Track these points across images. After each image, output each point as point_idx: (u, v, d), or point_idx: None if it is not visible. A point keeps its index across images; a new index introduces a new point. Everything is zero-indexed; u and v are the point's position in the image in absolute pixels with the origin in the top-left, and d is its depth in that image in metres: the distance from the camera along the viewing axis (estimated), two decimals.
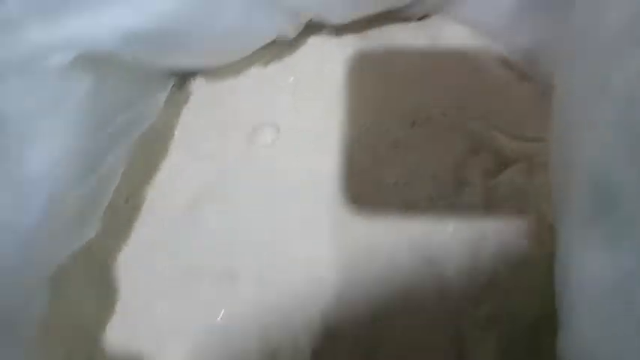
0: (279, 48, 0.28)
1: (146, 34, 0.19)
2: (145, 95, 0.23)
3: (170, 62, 0.23)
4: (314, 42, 0.28)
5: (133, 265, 0.23)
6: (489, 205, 0.23)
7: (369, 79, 0.28)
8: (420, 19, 0.30)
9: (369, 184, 0.24)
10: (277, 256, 0.23)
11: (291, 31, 0.24)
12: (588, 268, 0.15)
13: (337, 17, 0.24)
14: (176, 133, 0.26)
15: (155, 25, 0.19)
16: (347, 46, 0.28)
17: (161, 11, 0.18)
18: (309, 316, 0.21)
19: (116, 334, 0.21)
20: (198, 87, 0.28)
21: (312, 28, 0.28)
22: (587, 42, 0.19)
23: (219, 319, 0.22)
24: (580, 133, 0.18)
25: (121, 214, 0.24)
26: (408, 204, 0.23)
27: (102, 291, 0.22)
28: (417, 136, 0.25)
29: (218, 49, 0.23)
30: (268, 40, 0.24)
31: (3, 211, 0.16)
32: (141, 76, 0.23)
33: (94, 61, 0.19)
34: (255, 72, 0.28)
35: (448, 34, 0.29)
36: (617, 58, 0.17)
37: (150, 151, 0.25)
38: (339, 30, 0.28)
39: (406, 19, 0.30)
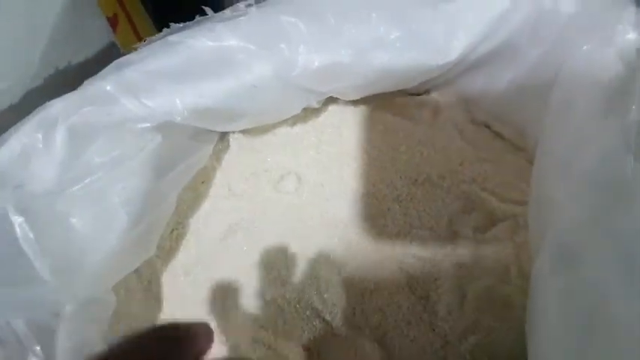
0: (304, 113, 0.34)
1: (205, 111, 0.24)
2: (197, 148, 0.28)
3: (218, 128, 0.28)
4: (334, 109, 0.34)
5: (176, 280, 0.28)
6: (478, 256, 0.27)
7: (378, 142, 0.33)
8: (423, 93, 0.35)
9: (374, 231, 0.29)
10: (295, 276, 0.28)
11: (315, 104, 0.30)
12: (549, 311, 0.19)
13: (353, 97, 0.30)
14: (217, 175, 0.32)
15: (212, 105, 0.24)
16: (361, 114, 0.34)
17: (218, 96, 0.24)
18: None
19: None
20: (236, 139, 0.33)
21: (334, 98, 0.33)
22: (558, 135, 0.24)
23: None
24: (550, 206, 0.23)
25: (169, 239, 0.29)
26: (409, 250, 0.27)
27: (149, 300, 0.27)
28: (417, 193, 0.30)
29: (256, 119, 0.29)
30: (297, 112, 0.30)
31: (95, 232, 0.22)
32: (195, 135, 0.28)
33: (164, 126, 0.25)
34: (283, 131, 0.34)
35: (448, 107, 0.34)
36: (581, 145, 0.22)
37: (196, 189, 0.31)
38: (356, 100, 0.34)
39: (412, 94, 0.35)
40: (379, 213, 0.30)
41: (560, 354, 0.18)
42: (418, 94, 0.35)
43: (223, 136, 0.34)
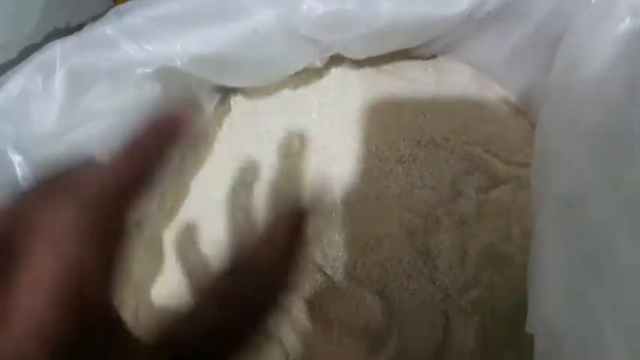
0: (307, 75, 0.33)
1: (206, 58, 0.24)
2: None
3: (221, 80, 0.28)
4: (337, 72, 0.33)
5: (178, 239, 0.27)
6: (480, 214, 0.27)
7: (382, 105, 0.32)
8: (429, 57, 0.35)
9: (376, 191, 0.29)
10: None
11: (318, 63, 0.30)
12: (551, 258, 0.19)
13: (358, 53, 0.29)
14: (219, 138, 0.31)
15: (213, 51, 0.24)
16: (364, 77, 0.33)
17: (219, 42, 0.23)
18: None
19: (161, 291, 0.25)
20: (238, 103, 0.33)
21: (336, 60, 0.33)
22: (564, 90, 0.24)
23: None
24: (554, 160, 0.23)
25: (170, 197, 0.29)
26: (410, 209, 0.27)
27: (151, 256, 0.26)
28: (420, 154, 0.30)
29: (259, 73, 0.28)
30: (300, 69, 0.29)
31: None
32: (196, 90, 0.28)
33: (165, 75, 0.24)
34: (286, 93, 0.33)
35: (453, 71, 0.34)
36: (587, 98, 0.22)
37: (197, 151, 0.30)
38: (359, 63, 0.33)
39: (417, 57, 0.35)
40: (382, 174, 0.29)
41: (560, 297, 0.18)
42: (423, 59, 0.35)
43: (224, 98, 0.34)
